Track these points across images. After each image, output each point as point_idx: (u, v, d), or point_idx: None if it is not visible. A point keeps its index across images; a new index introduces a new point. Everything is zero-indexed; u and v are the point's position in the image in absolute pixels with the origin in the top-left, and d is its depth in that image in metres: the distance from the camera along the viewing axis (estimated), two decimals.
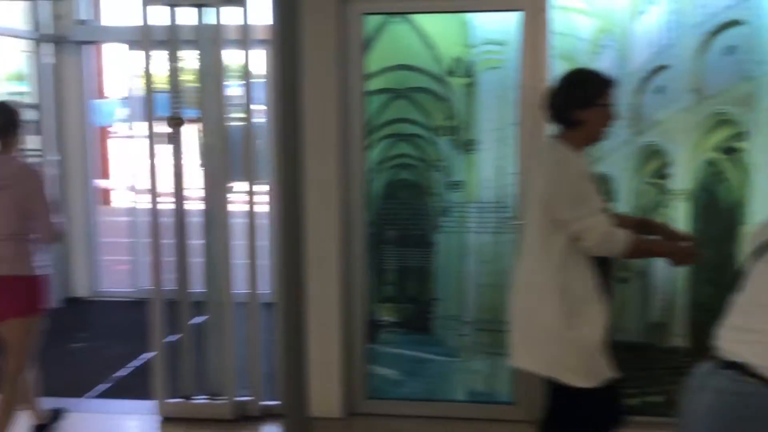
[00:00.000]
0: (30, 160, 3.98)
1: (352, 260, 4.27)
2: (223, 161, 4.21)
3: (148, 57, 4.13)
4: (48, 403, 4.18)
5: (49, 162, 6.79)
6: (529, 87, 3.96)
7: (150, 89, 4.17)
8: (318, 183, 4.06)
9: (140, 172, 7.22)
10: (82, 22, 6.85)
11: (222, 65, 4.14)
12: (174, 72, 4.18)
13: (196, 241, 4.36)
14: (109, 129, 12.88)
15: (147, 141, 4.21)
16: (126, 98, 7.86)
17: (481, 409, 4.29)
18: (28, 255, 3.72)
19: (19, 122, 3.80)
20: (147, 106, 4.18)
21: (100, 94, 7.49)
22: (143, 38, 4.14)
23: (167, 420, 4.32)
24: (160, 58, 4.16)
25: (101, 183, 8.82)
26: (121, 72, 9.03)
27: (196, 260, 4.34)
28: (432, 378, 4.36)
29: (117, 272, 7.68)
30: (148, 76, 4.15)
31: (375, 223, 4.29)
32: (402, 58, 4.13)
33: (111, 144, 13.06)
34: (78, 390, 4.81)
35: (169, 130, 4.19)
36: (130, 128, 7.25)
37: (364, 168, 4.20)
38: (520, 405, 4.22)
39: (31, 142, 7.05)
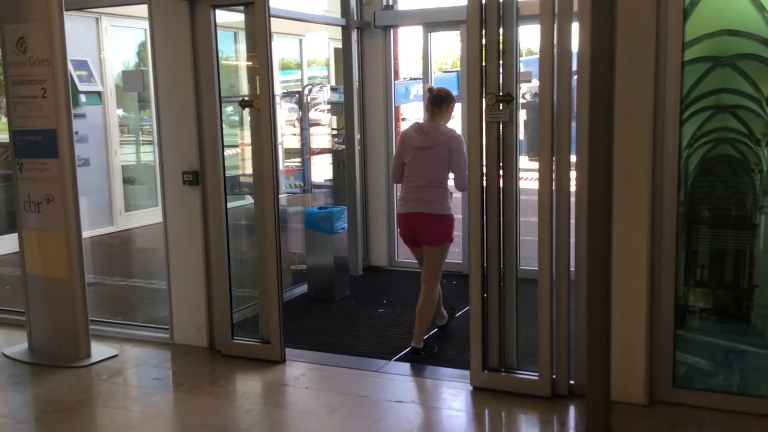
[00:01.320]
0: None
1: (662, 240, 4.05)
2: (545, 137, 4.14)
3: (478, 36, 4.17)
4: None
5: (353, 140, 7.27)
6: None
7: (480, 67, 4.19)
8: (627, 158, 3.91)
9: None
10: (390, 8, 7.24)
11: (551, 41, 4.04)
12: (493, 49, 4.19)
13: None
14: (401, 108, 13.50)
15: (471, 120, 4.26)
16: (418, 79, 8.14)
17: None
18: (445, 198, 4.92)
19: (448, 101, 4.99)
20: (473, 84, 4.21)
21: (396, 76, 7.81)
22: (471, 18, 4.16)
23: (476, 390, 4.42)
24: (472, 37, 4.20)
25: None
26: (414, 53, 9.41)
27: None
28: (748, 371, 4.02)
29: None
30: (476, 54, 4.18)
31: (687, 202, 4.03)
32: (727, 22, 3.81)
33: (403, 123, 13.71)
34: (385, 352, 5.13)
35: (488, 106, 4.21)
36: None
37: (678, 143, 3.95)
38: None
39: (337, 121, 7.63)
